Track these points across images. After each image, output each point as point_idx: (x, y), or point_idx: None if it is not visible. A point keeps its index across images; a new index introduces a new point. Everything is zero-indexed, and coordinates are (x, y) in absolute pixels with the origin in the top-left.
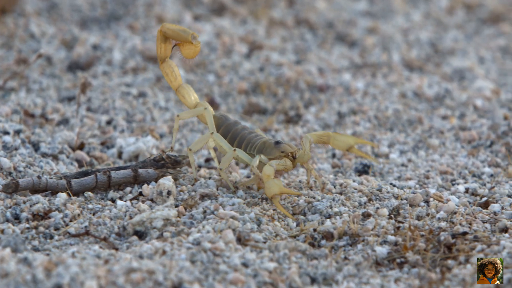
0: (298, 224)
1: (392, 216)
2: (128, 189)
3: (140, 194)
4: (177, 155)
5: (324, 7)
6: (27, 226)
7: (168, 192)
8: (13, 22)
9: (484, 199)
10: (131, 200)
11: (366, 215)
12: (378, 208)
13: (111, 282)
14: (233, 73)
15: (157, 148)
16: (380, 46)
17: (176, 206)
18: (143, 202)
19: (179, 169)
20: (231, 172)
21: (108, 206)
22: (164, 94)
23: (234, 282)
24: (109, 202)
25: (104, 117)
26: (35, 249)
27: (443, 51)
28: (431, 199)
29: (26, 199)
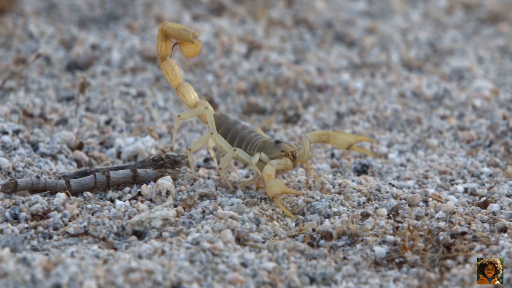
0: (297, 224)
1: (391, 216)
2: (127, 189)
3: (139, 194)
4: (176, 155)
5: (323, 7)
6: (26, 226)
7: (167, 192)
8: (11, 22)
9: (483, 199)
10: (130, 200)
11: (365, 215)
12: (377, 208)
13: (110, 282)
14: (232, 73)
15: (156, 148)
16: (379, 46)
17: (175, 206)
18: (142, 202)
19: (178, 169)
20: (230, 172)
21: (107, 206)
22: (163, 94)
23: (233, 282)
24: (108, 202)
25: (103, 117)
26: (34, 249)
27: (442, 51)
28: (430, 199)
29: (25, 199)
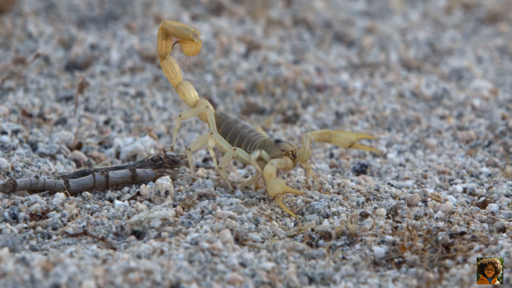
0: (296, 224)
1: (390, 216)
2: (126, 189)
3: (138, 194)
4: (175, 155)
5: (322, 7)
6: (25, 226)
7: (166, 192)
8: (10, 22)
9: (482, 199)
10: (129, 200)
11: (364, 215)
12: (376, 208)
13: (109, 282)
14: (231, 73)
15: (155, 148)
16: (378, 46)
17: (174, 206)
18: (141, 202)
19: (177, 169)
20: (229, 172)
21: (106, 206)
22: (162, 94)
23: (232, 282)
24: (107, 202)
25: (102, 117)
26: (33, 249)
27: (441, 51)
28: (429, 199)
29: (24, 199)
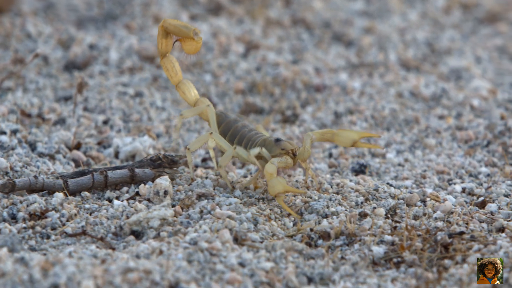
0: (295, 224)
1: (389, 215)
2: (125, 189)
3: (137, 194)
4: (174, 155)
5: (320, 7)
6: (23, 225)
7: (165, 192)
8: (9, 22)
9: (481, 198)
10: (128, 200)
11: (363, 215)
12: (375, 207)
13: (108, 281)
14: (229, 73)
15: (154, 148)
16: (376, 46)
17: (173, 206)
18: (140, 202)
19: (176, 168)
20: (228, 172)
21: (105, 205)
22: (161, 93)
23: (231, 281)
24: (106, 202)
25: (100, 117)
26: (32, 249)
27: (439, 51)
28: (428, 199)
29: (23, 199)
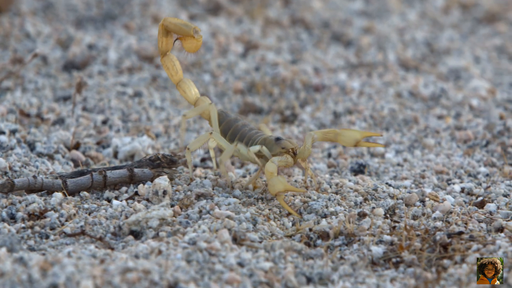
0: (294, 224)
1: (388, 215)
2: (124, 188)
3: (136, 193)
4: (172, 155)
5: (319, 7)
6: (22, 225)
7: (164, 192)
8: (8, 22)
9: (480, 198)
10: (126, 199)
11: (362, 215)
12: (373, 207)
13: (107, 281)
14: (228, 72)
15: (153, 147)
16: (375, 46)
17: (172, 206)
18: (139, 201)
19: (174, 168)
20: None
21: (104, 205)
22: (160, 93)
23: (230, 281)
24: (104, 202)
25: (99, 116)
26: (31, 248)
27: (438, 51)
28: (427, 199)
29: (22, 198)
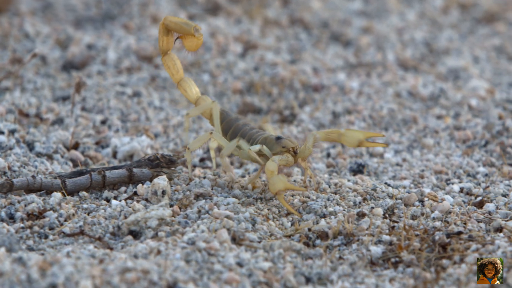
0: (292, 224)
1: (387, 215)
2: (123, 188)
3: (135, 193)
4: (171, 155)
5: (318, 7)
6: (21, 225)
7: (163, 192)
8: (7, 22)
9: (479, 198)
10: (126, 199)
11: (361, 215)
12: (373, 207)
13: (106, 281)
14: (227, 72)
15: (151, 147)
16: (374, 46)
17: (171, 206)
18: (138, 201)
19: (173, 168)
20: (225, 172)
21: (103, 205)
22: (159, 93)
23: (229, 281)
24: (103, 202)
25: (98, 116)
26: (30, 248)
27: (437, 51)
28: (426, 199)
29: (21, 198)
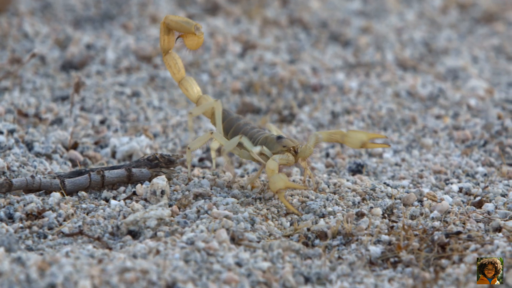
0: (291, 224)
1: (386, 215)
2: (122, 188)
3: (134, 193)
4: (170, 155)
5: (317, 7)
6: (20, 225)
7: (162, 192)
8: (6, 22)
9: (478, 198)
10: (124, 199)
11: (360, 215)
12: (372, 207)
13: (105, 281)
14: (226, 72)
15: (150, 147)
16: (373, 46)
17: (170, 206)
18: (137, 201)
19: (173, 168)
20: (225, 172)
21: (102, 205)
22: (158, 93)
23: (228, 281)
24: (102, 202)
25: (97, 116)
26: (29, 248)
27: (436, 51)
28: (425, 199)
29: (20, 198)
